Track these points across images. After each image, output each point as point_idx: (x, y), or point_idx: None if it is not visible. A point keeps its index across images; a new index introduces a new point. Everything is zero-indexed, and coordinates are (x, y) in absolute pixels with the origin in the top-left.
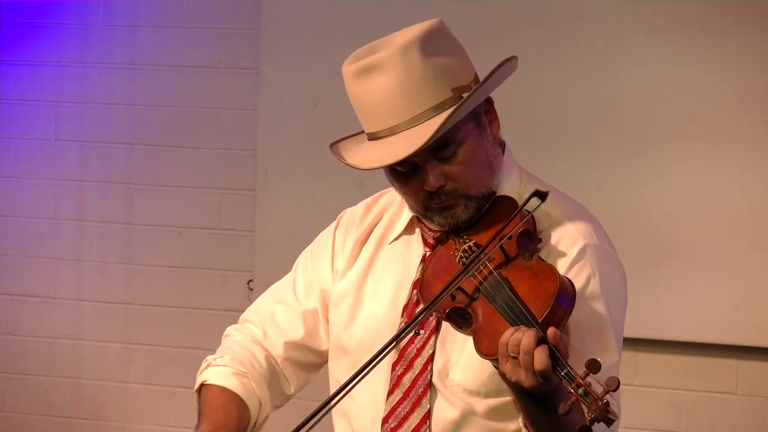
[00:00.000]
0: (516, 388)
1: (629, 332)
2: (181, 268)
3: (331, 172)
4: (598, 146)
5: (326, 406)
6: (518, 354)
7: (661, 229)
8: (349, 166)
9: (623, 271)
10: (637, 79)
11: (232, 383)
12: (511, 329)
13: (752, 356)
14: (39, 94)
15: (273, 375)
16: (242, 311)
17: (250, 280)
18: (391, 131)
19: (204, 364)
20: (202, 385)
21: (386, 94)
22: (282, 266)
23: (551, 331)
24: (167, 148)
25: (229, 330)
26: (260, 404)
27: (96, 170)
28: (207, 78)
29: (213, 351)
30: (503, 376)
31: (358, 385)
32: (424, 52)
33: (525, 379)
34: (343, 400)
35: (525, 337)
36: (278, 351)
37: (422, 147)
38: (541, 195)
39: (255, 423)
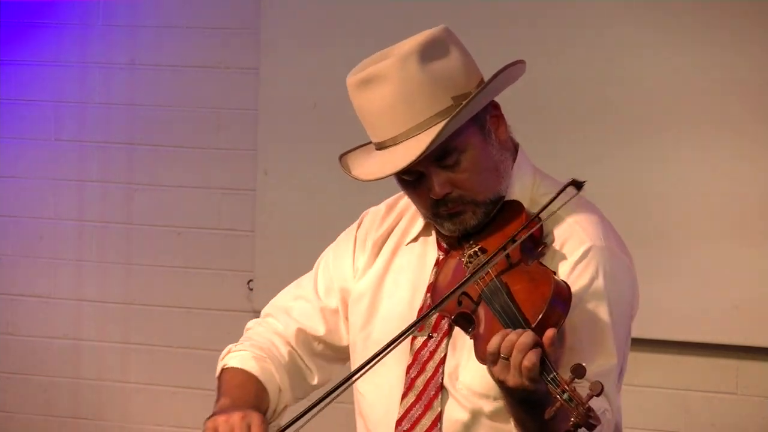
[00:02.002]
0: (504, 388)
1: None
2: (181, 268)
3: (331, 172)
4: (593, 141)
5: (329, 395)
6: (510, 354)
7: (662, 229)
8: (354, 177)
9: (632, 274)
10: (631, 69)
11: (251, 366)
12: (503, 331)
13: (752, 356)
14: (39, 94)
15: (294, 364)
16: (242, 311)
17: (250, 280)
18: (394, 141)
19: (224, 351)
20: (222, 370)
21: (387, 105)
22: (282, 266)
23: (550, 333)
24: (167, 148)
25: (250, 323)
26: (279, 390)
27: (96, 170)
28: (207, 78)
29: (213, 351)
30: (492, 376)
31: (373, 387)
32: (423, 60)
33: (511, 378)
34: (360, 401)
35: (523, 336)
36: (299, 343)
37: (419, 157)
38: (577, 184)
39: (274, 409)
